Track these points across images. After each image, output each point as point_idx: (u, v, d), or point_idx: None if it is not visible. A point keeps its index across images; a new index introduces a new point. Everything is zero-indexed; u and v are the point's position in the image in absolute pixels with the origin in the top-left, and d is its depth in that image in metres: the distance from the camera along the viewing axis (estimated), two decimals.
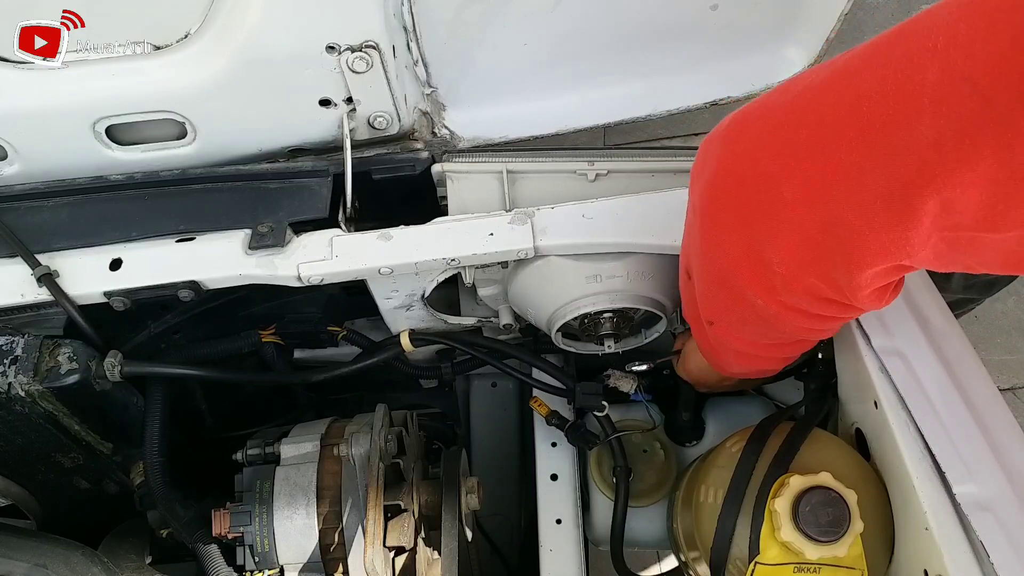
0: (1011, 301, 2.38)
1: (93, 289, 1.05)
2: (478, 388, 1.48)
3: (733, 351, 0.96)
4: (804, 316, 0.79)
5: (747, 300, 0.81)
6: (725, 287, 0.82)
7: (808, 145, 0.66)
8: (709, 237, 0.80)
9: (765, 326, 0.85)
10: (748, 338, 0.91)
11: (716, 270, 0.82)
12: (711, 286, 0.86)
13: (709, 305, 0.90)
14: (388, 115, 1.16)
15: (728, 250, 0.78)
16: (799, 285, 0.75)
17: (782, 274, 0.74)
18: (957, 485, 0.81)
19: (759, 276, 0.77)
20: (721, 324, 0.91)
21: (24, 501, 1.21)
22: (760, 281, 0.77)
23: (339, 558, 1.06)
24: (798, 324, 0.82)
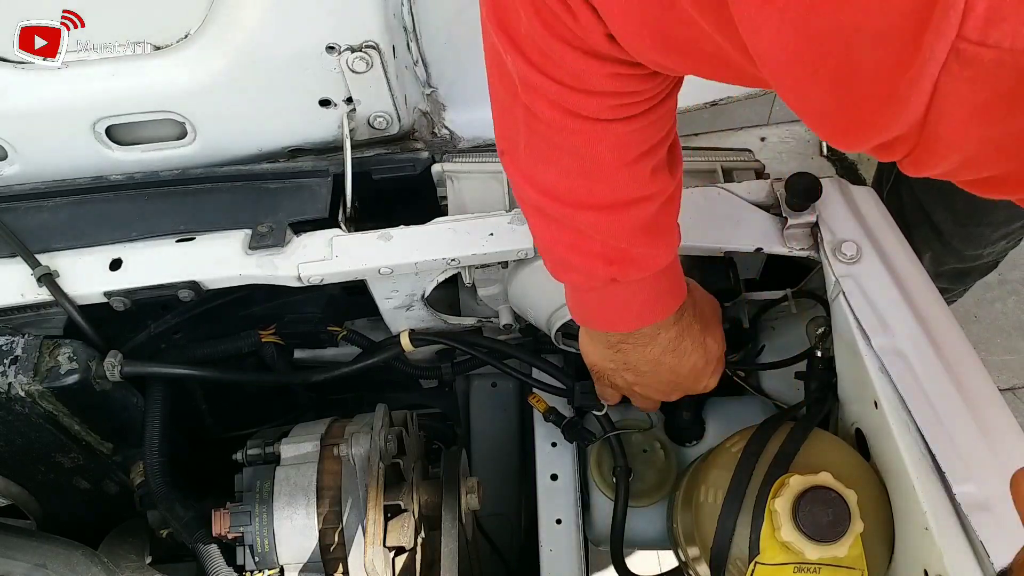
0: (1011, 301, 2.39)
1: (93, 289, 1.05)
2: (478, 388, 1.48)
3: (532, 205, 0.87)
4: (542, 74, 0.70)
5: (494, 66, 0.75)
6: (486, 25, 0.73)
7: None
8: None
9: (519, 115, 0.77)
10: (526, 165, 0.83)
11: (489, 18, 0.73)
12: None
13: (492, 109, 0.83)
14: (388, 115, 1.16)
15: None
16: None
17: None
18: (957, 485, 0.81)
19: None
20: (504, 150, 0.85)
21: (24, 501, 1.21)
22: (496, 9, 0.70)
23: (339, 558, 1.06)
24: (541, 90, 0.72)
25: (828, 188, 1.03)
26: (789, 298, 1.14)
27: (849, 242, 0.99)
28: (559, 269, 0.94)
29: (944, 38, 0.39)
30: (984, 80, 0.40)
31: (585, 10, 0.63)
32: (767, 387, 1.25)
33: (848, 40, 0.44)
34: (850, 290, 0.97)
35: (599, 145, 0.77)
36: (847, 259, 0.99)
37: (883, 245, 1.00)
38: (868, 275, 0.98)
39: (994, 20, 0.37)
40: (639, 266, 0.89)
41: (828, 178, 1.04)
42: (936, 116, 0.44)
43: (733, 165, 1.18)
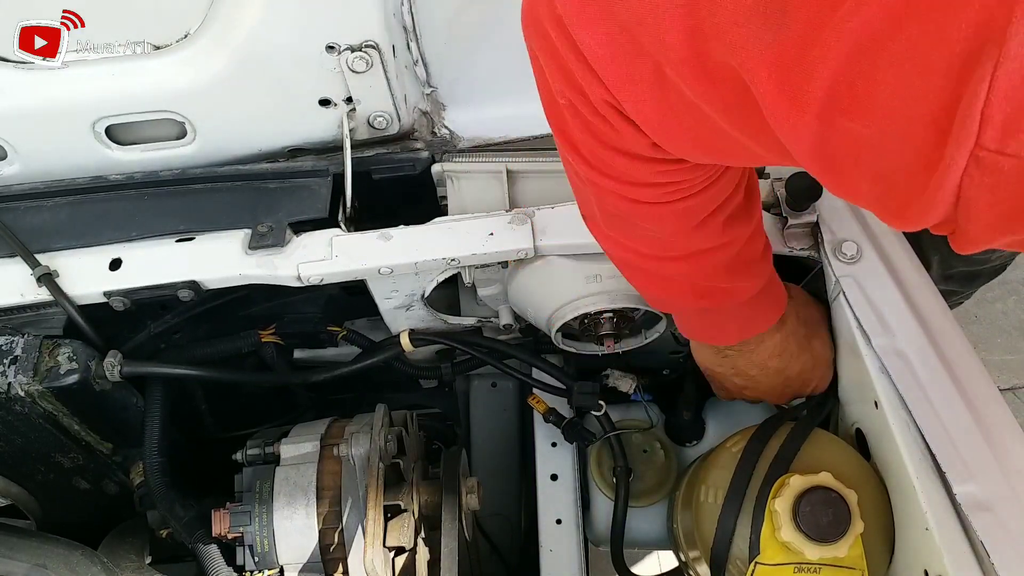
0: (1011, 301, 2.39)
1: (93, 289, 1.05)
2: (478, 388, 1.48)
3: (619, 260, 0.93)
4: (600, 174, 0.76)
5: (563, 155, 0.79)
6: (557, 137, 0.78)
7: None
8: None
9: (591, 196, 0.83)
10: (607, 231, 0.89)
11: (549, 118, 0.78)
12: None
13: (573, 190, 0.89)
14: (388, 115, 1.15)
15: (542, 86, 0.74)
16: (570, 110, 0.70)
17: (568, 98, 0.69)
18: (957, 485, 0.81)
19: (551, 105, 0.73)
20: (585, 216, 0.90)
21: (24, 501, 1.21)
22: (553, 114, 0.74)
23: (339, 558, 1.06)
24: (601, 185, 0.78)
25: None
26: None
27: (849, 242, 1.00)
28: (656, 304, 1.02)
29: (963, 146, 0.41)
30: (1005, 187, 0.42)
31: (626, 126, 0.67)
32: None
33: (878, 144, 0.47)
34: (850, 290, 0.97)
35: (664, 220, 0.83)
36: (847, 259, 0.99)
37: (883, 245, 1.00)
38: (868, 275, 0.98)
39: (1011, 130, 0.39)
40: (730, 295, 0.94)
41: None
42: (964, 217, 0.46)
43: None
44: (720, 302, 0.94)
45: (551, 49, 0.67)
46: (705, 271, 0.90)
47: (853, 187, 0.54)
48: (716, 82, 0.55)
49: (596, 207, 0.86)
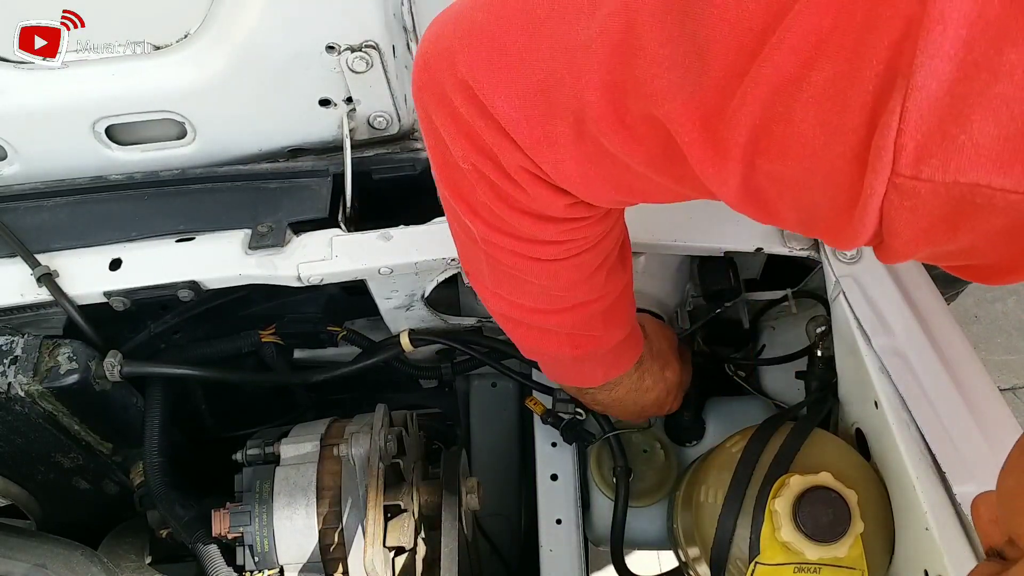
0: (1011, 301, 2.39)
1: (93, 289, 1.05)
2: (478, 388, 1.48)
3: (501, 315, 0.94)
4: (501, 234, 0.75)
5: (456, 218, 0.80)
6: (441, 189, 0.77)
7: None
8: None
9: (482, 256, 0.82)
10: (494, 288, 0.89)
11: (442, 181, 0.77)
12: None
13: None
14: (388, 115, 1.16)
15: (436, 149, 0.73)
16: (463, 153, 0.68)
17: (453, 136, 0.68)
18: (957, 485, 0.81)
19: (447, 168, 0.72)
20: (469, 272, 0.91)
21: (24, 501, 1.21)
22: (451, 178, 0.74)
23: (339, 558, 1.06)
24: (500, 245, 0.77)
25: None
26: (789, 298, 1.14)
27: None
28: (530, 354, 1.03)
29: (881, 175, 0.43)
30: (923, 208, 0.44)
31: (541, 188, 0.67)
32: (767, 387, 1.25)
33: (801, 181, 0.50)
34: (850, 290, 0.97)
35: (558, 275, 0.83)
36: (847, 259, 0.99)
37: None
38: (868, 275, 0.98)
39: (923, 156, 0.41)
40: (601, 343, 0.96)
41: None
42: (889, 236, 0.48)
43: None
44: (591, 350, 0.96)
45: (453, 115, 0.66)
46: (584, 321, 0.92)
47: (781, 219, 0.57)
48: (637, 136, 0.56)
49: (486, 266, 0.85)
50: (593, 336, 0.95)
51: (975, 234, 0.46)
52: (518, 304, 0.90)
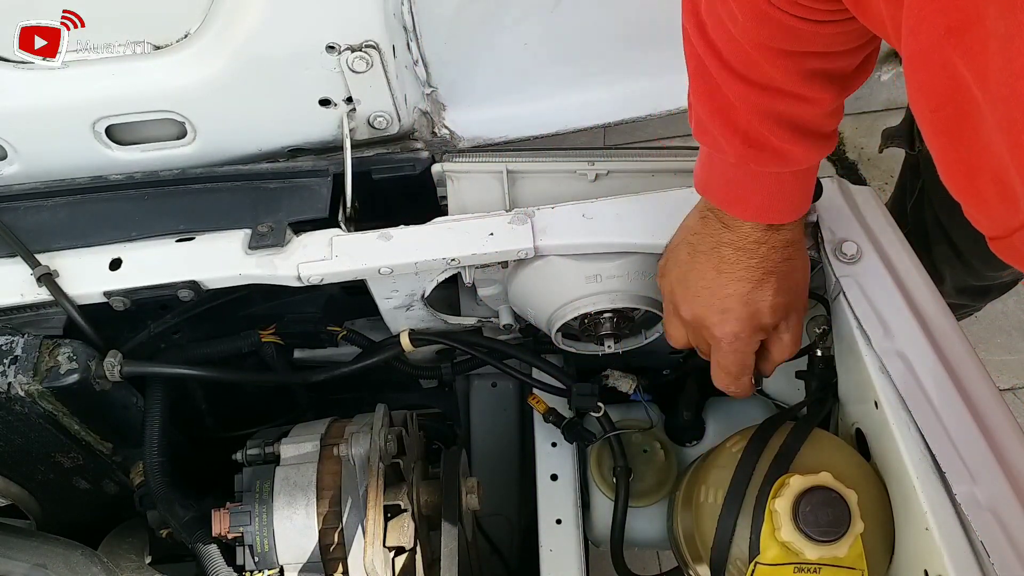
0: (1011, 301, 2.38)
1: (93, 289, 1.05)
2: (478, 388, 1.48)
3: (694, 56, 0.84)
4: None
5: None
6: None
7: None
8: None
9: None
10: (705, 8, 0.80)
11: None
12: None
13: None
14: (388, 115, 1.16)
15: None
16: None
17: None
18: (957, 485, 0.81)
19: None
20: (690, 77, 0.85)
21: (24, 501, 1.21)
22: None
23: (339, 558, 1.06)
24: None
25: (828, 188, 1.03)
26: None
27: (849, 242, 0.99)
28: (697, 130, 0.91)
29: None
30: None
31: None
32: (767, 387, 1.25)
33: (986, 124, 0.46)
34: (850, 290, 0.97)
35: (763, 28, 0.75)
36: (847, 259, 0.99)
37: (883, 245, 1.00)
38: (868, 275, 0.98)
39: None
40: (776, 158, 0.85)
41: (828, 178, 1.04)
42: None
43: None
44: (761, 160, 0.85)
45: None
46: (768, 112, 0.82)
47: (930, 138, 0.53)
48: None
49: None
50: (771, 143, 0.83)
51: None
52: (715, 47, 0.80)
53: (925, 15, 0.45)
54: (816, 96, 0.82)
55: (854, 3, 0.63)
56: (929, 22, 0.45)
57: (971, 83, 0.44)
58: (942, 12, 0.44)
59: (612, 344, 1.14)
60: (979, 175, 0.49)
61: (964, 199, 0.53)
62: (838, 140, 0.89)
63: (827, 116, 0.85)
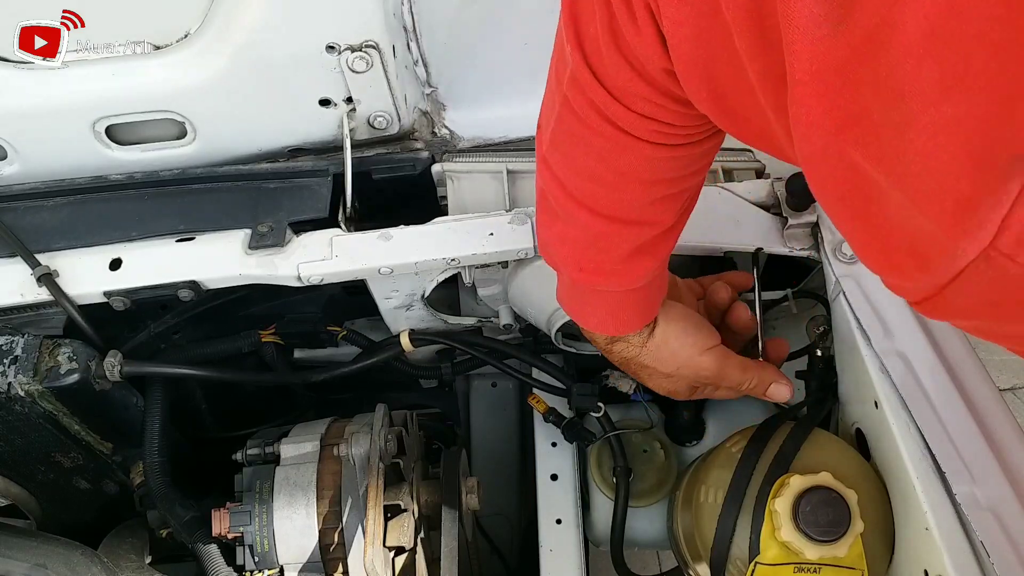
0: None
1: (93, 289, 1.05)
2: (478, 388, 1.48)
3: (540, 189, 0.86)
4: (591, 76, 0.70)
5: (558, 46, 0.75)
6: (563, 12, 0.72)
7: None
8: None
9: (557, 104, 0.77)
10: (548, 150, 0.82)
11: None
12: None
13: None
14: (388, 115, 1.15)
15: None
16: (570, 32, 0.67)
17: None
18: (957, 485, 0.81)
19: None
20: (540, 126, 0.84)
21: (24, 501, 1.21)
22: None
23: (339, 558, 1.06)
24: (586, 89, 0.72)
25: None
26: (789, 298, 1.14)
27: None
28: (542, 249, 0.96)
29: (977, 244, 0.43)
30: (1003, 285, 0.45)
31: (653, 40, 0.63)
32: None
33: (891, 203, 0.47)
34: (850, 290, 0.97)
35: (622, 157, 0.77)
36: (847, 259, 0.99)
37: None
38: (868, 275, 0.97)
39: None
40: (606, 277, 0.89)
41: None
42: (953, 291, 0.48)
43: (733, 165, 1.18)
44: (596, 283, 0.89)
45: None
46: (613, 242, 0.84)
47: (838, 221, 0.55)
48: (767, 44, 0.51)
49: (555, 114, 0.78)
50: (604, 265, 0.87)
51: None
52: (560, 181, 0.82)
53: (814, 119, 0.48)
54: (661, 219, 0.84)
55: (730, 122, 0.64)
56: (819, 125, 0.47)
57: (870, 170, 0.47)
58: (828, 113, 0.47)
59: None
60: (894, 251, 0.52)
61: (884, 273, 0.55)
62: (660, 265, 0.93)
63: (662, 238, 0.87)
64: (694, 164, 0.81)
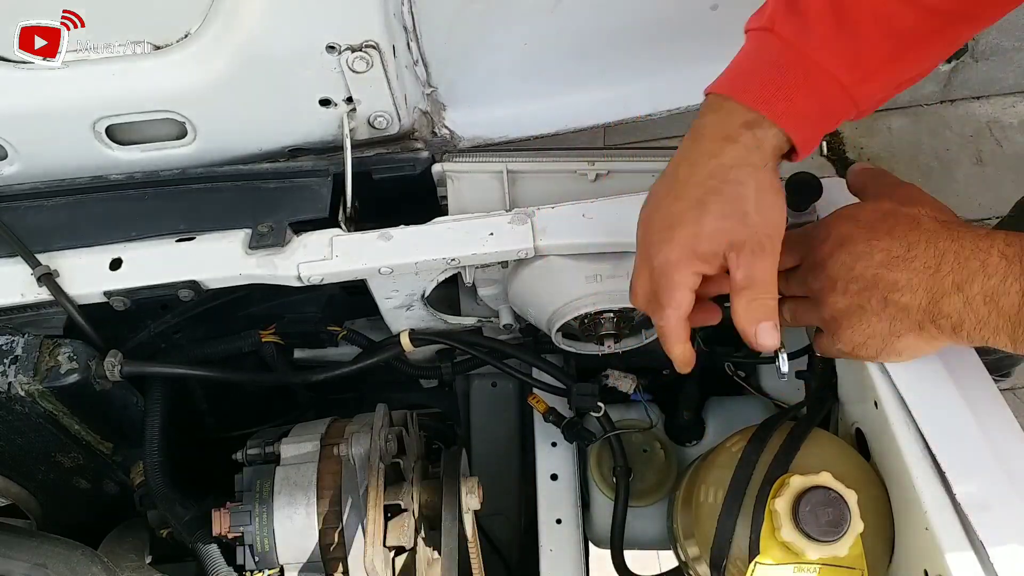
0: None
1: (93, 289, 1.05)
2: (478, 388, 1.48)
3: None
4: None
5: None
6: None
7: None
8: None
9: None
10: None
11: None
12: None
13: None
14: (388, 115, 1.15)
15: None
16: None
17: None
18: (957, 485, 0.81)
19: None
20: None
21: (24, 501, 1.21)
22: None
23: (339, 558, 1.06)
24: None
25: (828, 188, 1.02)
26: None
27: None
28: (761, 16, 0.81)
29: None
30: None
31: None
32: (767, 387, 1.25)
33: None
34: None
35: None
36: None
37: None
38: None
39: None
40: (802, 34, 0.74)
41: (828, 178, 1.04)
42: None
43: None
44: (785, 24, 0.75)
45: None
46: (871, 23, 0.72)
47: None
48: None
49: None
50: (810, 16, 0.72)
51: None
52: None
53: None
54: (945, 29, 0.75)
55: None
56: None
57: None
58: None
59: (612, 344, 1.14)
60: None
61: None
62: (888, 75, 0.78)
63: (931, 52, 0.76)
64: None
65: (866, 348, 0.83)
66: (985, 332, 0.74)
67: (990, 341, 0.75)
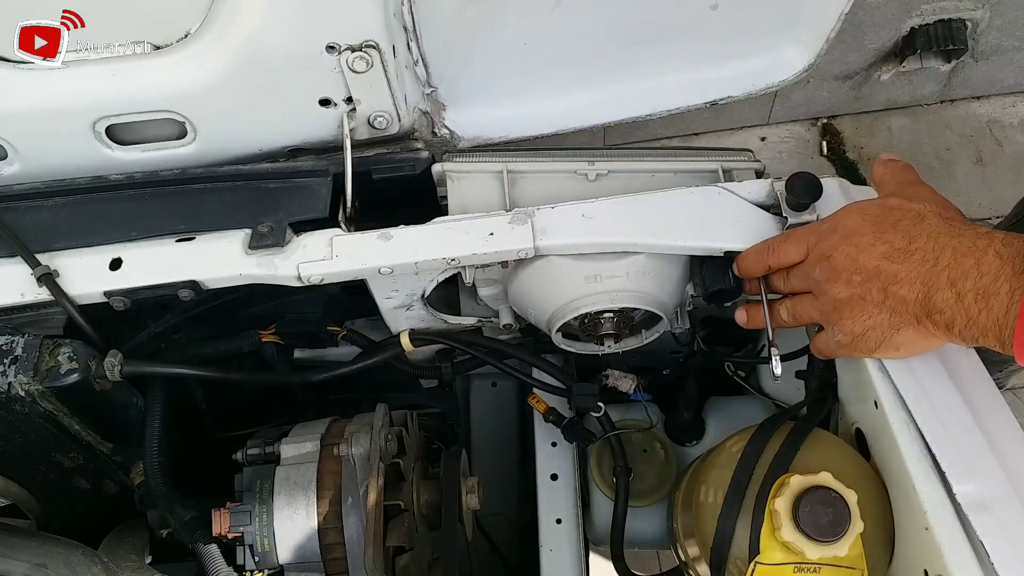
0: None
1: (93, 289, 1.05)
2: (478, 388, 1.48)
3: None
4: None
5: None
6: None
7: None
8: None
9: None
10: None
11: None
12: None
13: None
14: (388, 115, 1.16)
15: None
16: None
17: None
18: (957, 485, 0.81)
19: None
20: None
21: (24, 501, 1.21)
22: None
23: (339, 558, 1.06)
24: None
25: (828, 188, 1.03)
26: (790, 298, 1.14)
27: None
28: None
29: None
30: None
31: None
32: (767, 387, 1.25)
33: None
34: None
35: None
36: None
37: None
38: None
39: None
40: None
41: (828, 178, 1.04)
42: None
43: (733, 165, 1.18)
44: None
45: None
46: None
47: None
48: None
49: None
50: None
51: None
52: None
53: None
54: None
55: None
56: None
57: None
58: None
59: (612, 344, 1.14)
60: None
61: None
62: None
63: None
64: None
65: (865, 340, 0.86)
66: (975, 331, 0.75)
67: (980, 340, 0.75)
